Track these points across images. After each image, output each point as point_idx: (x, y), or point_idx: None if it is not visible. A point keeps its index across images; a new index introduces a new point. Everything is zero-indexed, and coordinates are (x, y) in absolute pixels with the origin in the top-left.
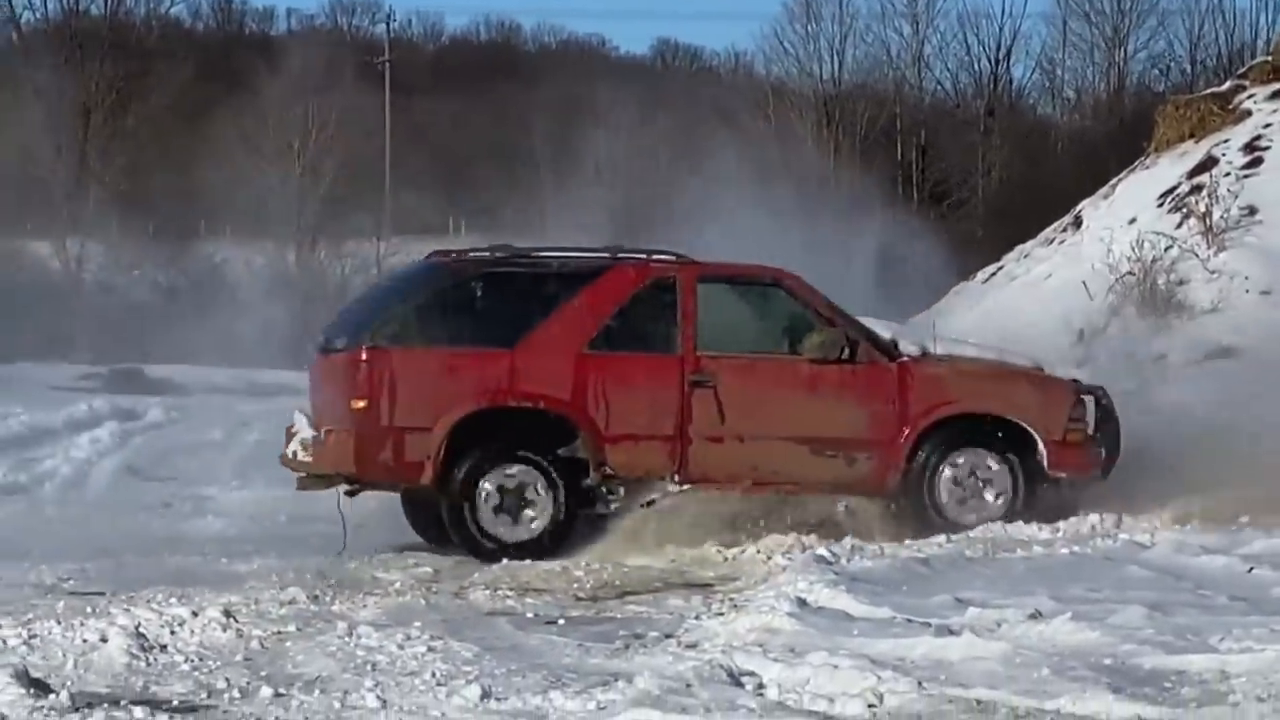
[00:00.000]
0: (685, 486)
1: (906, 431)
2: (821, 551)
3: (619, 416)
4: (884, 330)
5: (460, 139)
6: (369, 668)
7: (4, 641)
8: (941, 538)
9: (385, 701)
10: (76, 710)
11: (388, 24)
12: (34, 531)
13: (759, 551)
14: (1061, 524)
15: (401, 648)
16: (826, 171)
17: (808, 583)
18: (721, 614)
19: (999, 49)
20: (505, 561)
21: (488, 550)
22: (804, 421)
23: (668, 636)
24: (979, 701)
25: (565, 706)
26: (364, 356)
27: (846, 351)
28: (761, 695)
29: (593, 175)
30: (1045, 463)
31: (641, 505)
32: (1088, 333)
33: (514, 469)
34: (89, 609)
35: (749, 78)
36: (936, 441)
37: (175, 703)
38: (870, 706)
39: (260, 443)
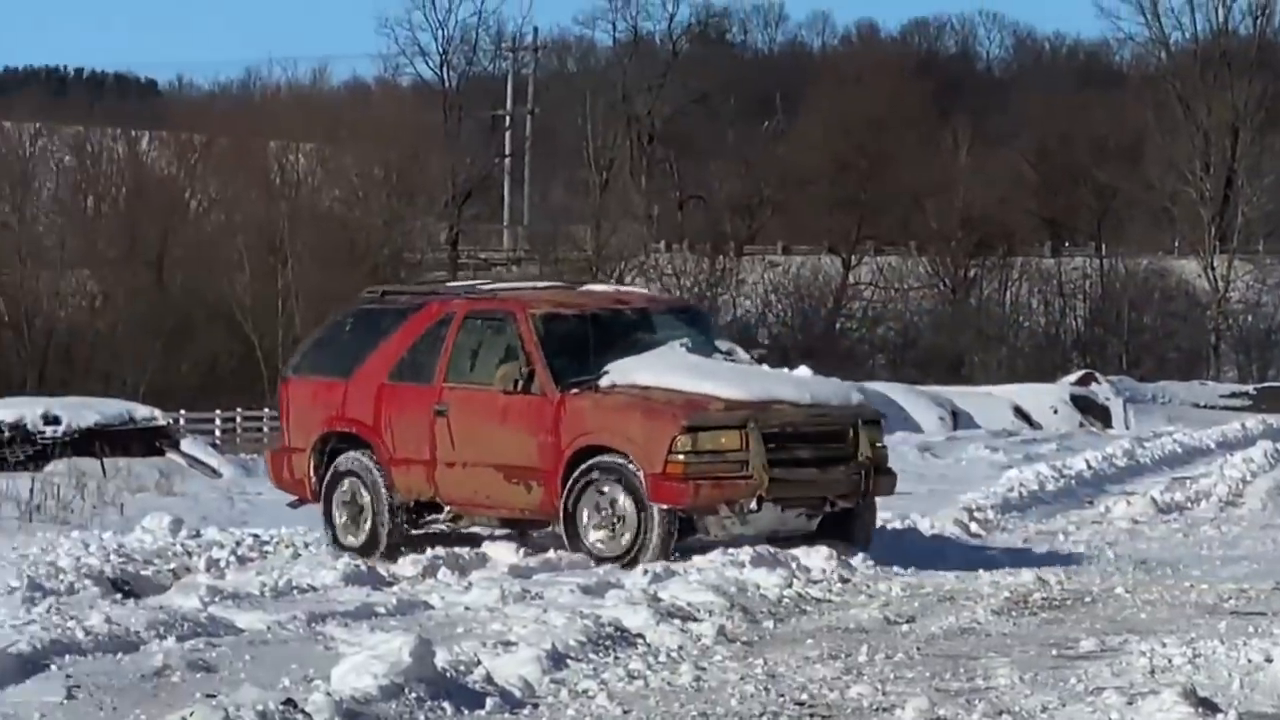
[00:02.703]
0: (449, 508)
1: (558, 461)
2: None
3: (399, 442)
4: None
5: None
6: None
7: (1169, 660)
8: None
9: None
10: None
11: None
12: (1192, 551)
13: None
14: None
15: None
16: None
17: None
18: None
19: None
20: None
21: (342, 550)
22: (498, 450)
23: None
24: None
25: None
26: (281, 385)
27: (521, 384)
28: None
29: None
30: (645, 494)
31: (446, 524)
32: None
33: (345, 484)
34: (1251, 629)
35: None
36: (581, 471)
37: None
38: None
39: None
